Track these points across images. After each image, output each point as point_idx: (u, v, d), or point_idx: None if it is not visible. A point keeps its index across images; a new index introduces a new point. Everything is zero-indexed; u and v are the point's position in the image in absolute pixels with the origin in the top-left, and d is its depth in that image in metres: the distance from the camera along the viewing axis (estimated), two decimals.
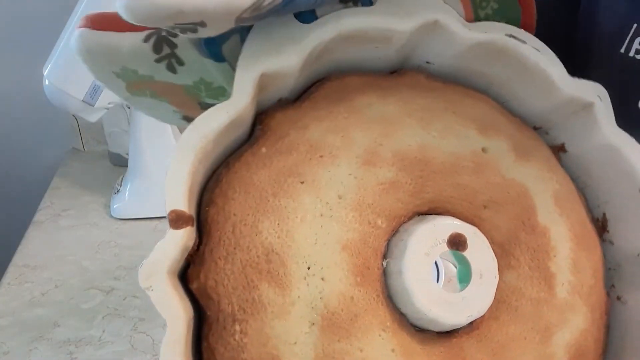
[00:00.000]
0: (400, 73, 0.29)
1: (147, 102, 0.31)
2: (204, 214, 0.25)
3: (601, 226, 0.30)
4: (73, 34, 0.27)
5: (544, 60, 0.28)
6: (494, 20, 0.28)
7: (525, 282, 0.26)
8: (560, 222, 0.28)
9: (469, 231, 0.25)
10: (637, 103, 0.40)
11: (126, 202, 0.97)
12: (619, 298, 0.29)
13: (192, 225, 0.23)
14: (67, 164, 1.18)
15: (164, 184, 0.22)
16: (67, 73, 0.90)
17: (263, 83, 0.24)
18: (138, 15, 0.19)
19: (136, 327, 0.72)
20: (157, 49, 0.27)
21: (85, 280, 0.82)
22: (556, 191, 0.29)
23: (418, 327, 0.25)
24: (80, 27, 0.27)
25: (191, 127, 0.22)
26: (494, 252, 0.25)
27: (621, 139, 0.29)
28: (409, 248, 0.24)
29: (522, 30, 0.28)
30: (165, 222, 0.23)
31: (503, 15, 0.28)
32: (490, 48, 0.27)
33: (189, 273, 0.25)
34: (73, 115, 1.15)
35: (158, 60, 0.27)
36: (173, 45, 0.27)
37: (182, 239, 0.23)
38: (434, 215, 0.26)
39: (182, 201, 0.23)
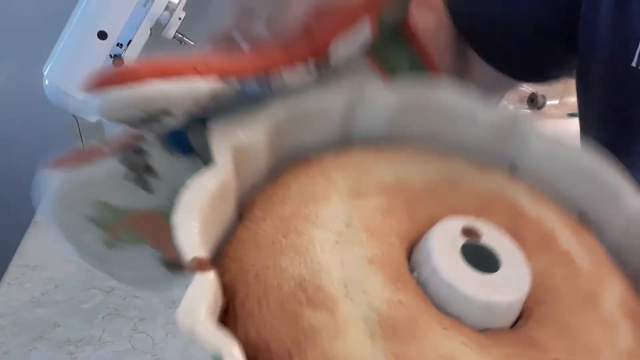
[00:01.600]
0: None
1: (126, 254, 0.31)
2: (221, 279, 0.24)
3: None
4: (46, 183, 0.28)
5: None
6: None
7: (547, 264, 0.27)
8: (547, 212, 0.29)
9: (476, 223, 0.26)
10: None
11: None
12: None
13: (215, 271, 0.23)
14: None
15: (175, 240, 0.22)
16: (67, 73, 0.90)
17: (236, 159, 0.25)
18: (113, 109, 0.22)
19: (136, 327, 0.72)
20: (132, 165, 0.28)
21: (85, 280, 0.82)
22: (527, 188, 0.30)
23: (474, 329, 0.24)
24: (54, 171, 0.29)
25: (186, 190, 0.23)
26: None
27: None
28: (433, 249, 0.24)
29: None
30: None
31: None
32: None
33: None
34: (73, 115, 1.15)
35: (135, 180, 0.28)
36: (146, 155, 0.29)
37: (212, 281, 0.22)
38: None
39: (199, 249, 0.22)
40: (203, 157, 0.26)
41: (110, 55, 0.88)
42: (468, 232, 0.25)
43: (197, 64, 0.24)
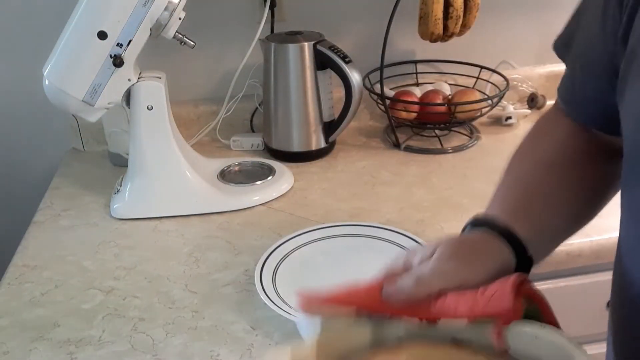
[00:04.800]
0: None
1: None
2: None
3: None
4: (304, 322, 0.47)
5: None
6: None
7: None
8: None
9: None
10: None
11: (126, 202, 0.97)
12: None
13: None
14: (67, 164, 1.18)
15: None
16: (67, 73, 0.90)
17: None
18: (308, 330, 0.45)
19: (136, 327, 0.72)
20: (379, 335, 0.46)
21: (85, 280, 0.82)
22: None
23: None
24: (309, 314, 0.46)
25: None
26: None
27: None
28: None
29: None
30: (165, 222, 0.23)
31: None
32: None
33: None
34: (73, 115, 1.15)
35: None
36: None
37: None
38: None
39: None
40: None
41: (110, 55, 0.88)
42: None
43: (352, 301, 0.45)
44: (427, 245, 0.48)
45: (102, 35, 0.87)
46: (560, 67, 0.60)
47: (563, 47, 0.59)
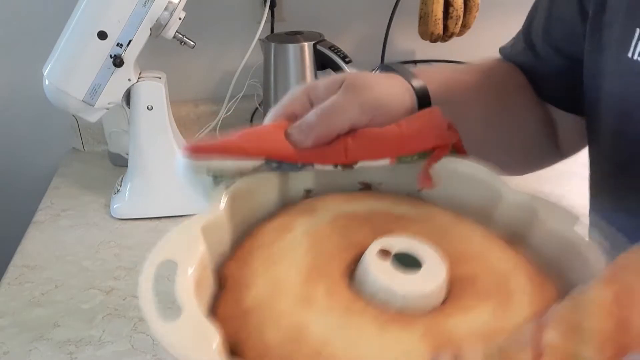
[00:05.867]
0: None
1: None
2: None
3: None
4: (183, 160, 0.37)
5: None
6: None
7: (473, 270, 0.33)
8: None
9: (400, 239, 0.32)
10: None
11: (126, 202, 0.97)
12: None
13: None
14: (67, 164, 1.18)
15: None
16: (67, 73, 0.90)
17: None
18: (188, 170, 0.35)
19: (136, 327, 0.72)
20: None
21: (85, 280, 0.82)
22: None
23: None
24: (191, 156, 0.37)
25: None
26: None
27: None
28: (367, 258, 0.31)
29: None
30: (165, 222, 0.23)
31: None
32: None
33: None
34: (73, 115, 1.15)
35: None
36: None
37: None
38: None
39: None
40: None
41: (110, 55, 0.88)
42: (383, 252, 0.31)
43: (250, 148, 0.35)
44: (331, 77, 0.40)
45: (102, 35, 0.87)
46: None
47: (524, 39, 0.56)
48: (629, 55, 0.43)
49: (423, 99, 0.42)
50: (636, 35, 0.42)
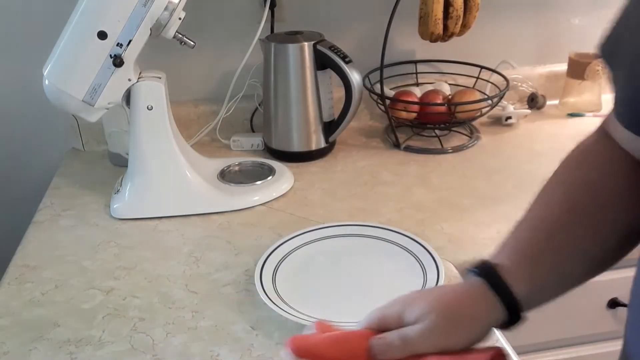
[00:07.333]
0: None
1: None
2: None
3: None
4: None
5: None
6: None
7: None
8: None
9: None
10: None
11: (126, 202, 0.97)
12: None
13: None
14: (67, 164, 1.18)
15: None
16: (67, 73, 0.90)
17: None
18: None
19: (136, 327, 0.72)
20: None
21: (85, 280, 0.82)
22: None
23: None
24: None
25: None
26: None
27: None
28: None
29: None
30: (165, 222, 0.23)
31: None
32: None
33: None
34: (73, 115, 1.15)
35: None
36: None
37: None
38: None
39: None
40: None
41: (110, 55, 0.88)
42: None
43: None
44: (423, 298, 0.50)
45: (102, 35, 0.87)
46: (560, 67, 0.59)
47: (609, 54, 0.51)
48: None
49: (513, 308, 0.49)
50: None
